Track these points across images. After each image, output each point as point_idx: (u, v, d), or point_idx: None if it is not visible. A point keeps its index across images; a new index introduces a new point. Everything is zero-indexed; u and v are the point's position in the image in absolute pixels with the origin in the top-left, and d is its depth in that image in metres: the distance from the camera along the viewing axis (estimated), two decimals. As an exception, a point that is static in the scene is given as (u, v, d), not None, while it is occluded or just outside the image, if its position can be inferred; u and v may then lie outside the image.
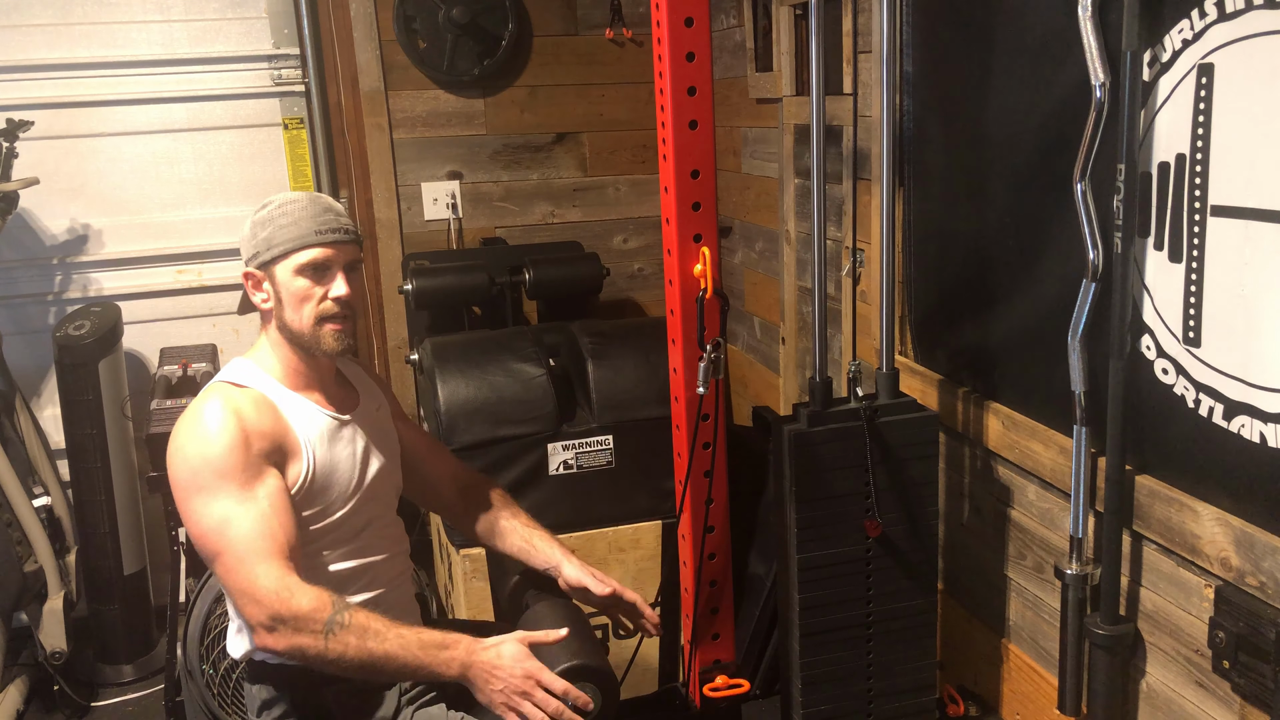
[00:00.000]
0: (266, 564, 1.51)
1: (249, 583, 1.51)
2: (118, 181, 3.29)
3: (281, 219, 1.63)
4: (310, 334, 1.65)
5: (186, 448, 1.57)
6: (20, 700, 2.83)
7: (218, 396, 1.61)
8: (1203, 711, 1.57)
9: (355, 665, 1.52)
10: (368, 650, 1.50)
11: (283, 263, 1.63)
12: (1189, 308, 1.48)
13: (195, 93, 3.29)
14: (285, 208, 1.64)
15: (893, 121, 1.96)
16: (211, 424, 1.57)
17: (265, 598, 1.49)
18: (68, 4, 3.15)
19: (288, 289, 1.64)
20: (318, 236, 1.62)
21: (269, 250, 1.63)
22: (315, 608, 1.49)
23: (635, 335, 2.79)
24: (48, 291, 3.29)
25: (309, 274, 1.63)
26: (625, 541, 2.67)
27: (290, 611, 1.49)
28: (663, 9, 1.97)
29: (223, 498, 1.54)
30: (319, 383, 1.73)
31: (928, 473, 1.98)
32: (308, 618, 1.49)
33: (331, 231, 1.63)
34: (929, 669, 2.06)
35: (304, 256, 1.62)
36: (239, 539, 1.52)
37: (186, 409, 1.64)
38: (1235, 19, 1.35)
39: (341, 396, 1.77)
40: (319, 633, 1.49)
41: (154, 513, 3.00)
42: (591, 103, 3.57)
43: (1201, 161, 1.43)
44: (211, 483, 1.54)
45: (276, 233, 1.62)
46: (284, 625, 1.49)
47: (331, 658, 1.50)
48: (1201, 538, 1.49)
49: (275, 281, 1.64)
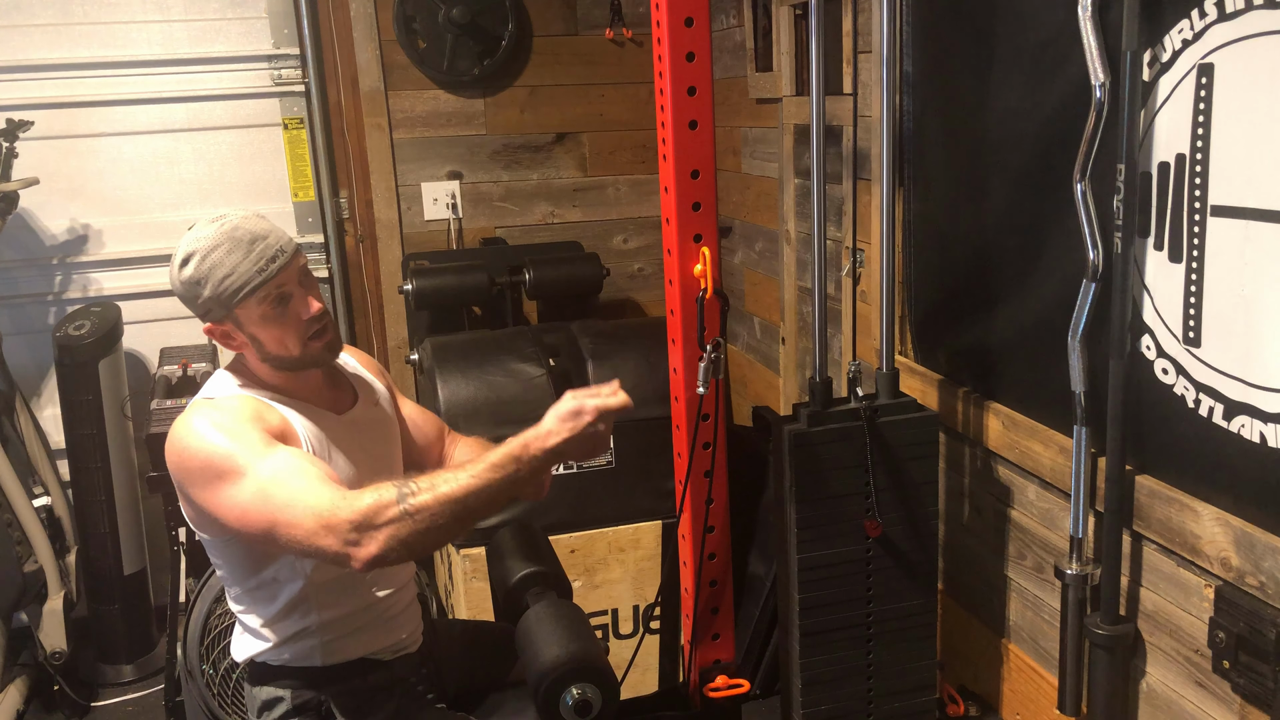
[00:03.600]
0: (315, 497, 1.43)
1: (312, 523, 1.42)
2: (118, 181, 3.29)
3: (218, 271, 1.55)
4: (302, 355, 1.61)
5: (190, 448, 1.53)
6: (20, 700, 2.83)
7: (210, 401, 1.59)
8: (1203, 711, 1.57)
9: (449, 520, 1.42)
10: (449, 497, 1.41)
11: (241, 310, 1.57)
12: (1189, 308, 1.48)
13: (195, 93, 3.29)
14: (211, 258, 1.55)
15: (893, 121, 1.96)
16: (209, 420, 1.54)
17: (333, 521, 1.41)
18: (68, 4, 3.15)
19: (260, 329, 1.58)
20: (261, 275, 1.55)
21: (220, 306, 1.57)
22: (379, 496, 1.41)
23: (635, 335, 2.80)
24: (48, 291, 3.29)
25: (271, 307, 1.57)
26: (625, 541, 2.67)
27: (361, 514, 1.40)
28: (663, 9, 1.97)
29: (249, 475, 1.48)
30: (308, 390, 1.69)
31: (928, 473, 1.98)
32: (378, 508, 1.40)
33: (270, 261, 1.56)
34: (929, 669, 2.06)
35: (259, 296, 1.56)
36: (281, 500, 1.45)
37: (174, 424, 1.59)
38: (1235, 19, 1.35)
39: (334, 397, 1.74)
40: (398, 513, 1.40)
41: (154, 513, 3.00)
42: (591, 103, 3.57)
43: (1201, 161, 1.43)
44: (231, 466, 1.49)
45: (220, 289, 1.55)
46: (368, 529, 1.40)
47: (424, 525, 1.41)
48: (1201, 538, 1.49)
49: (243, 328, 1.59)
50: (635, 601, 2.73)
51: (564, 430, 1.44)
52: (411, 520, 1.40)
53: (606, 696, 1.66)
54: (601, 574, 2.71)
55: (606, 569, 2.68)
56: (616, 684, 1.72)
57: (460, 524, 1.45)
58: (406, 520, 1.40)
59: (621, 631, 2.74)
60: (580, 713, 1.64)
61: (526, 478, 1.46)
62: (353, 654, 1.71)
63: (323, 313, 1.62)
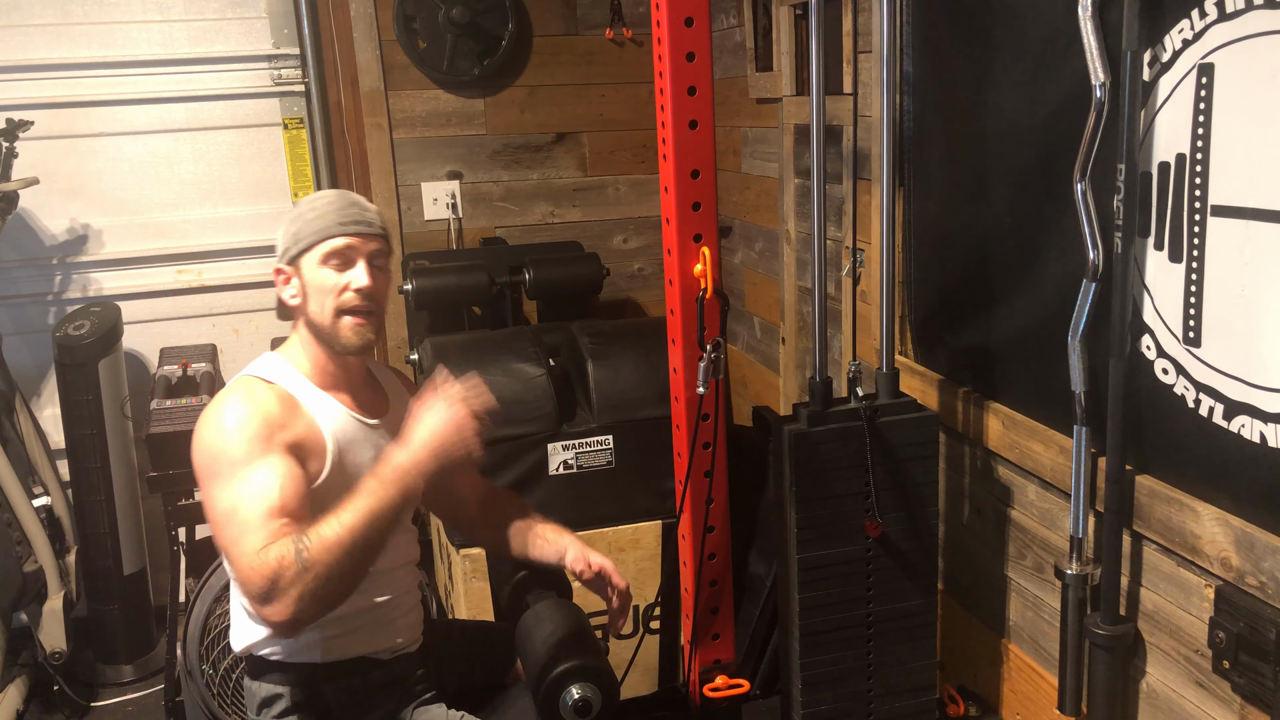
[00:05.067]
0: (249, 537, 1.45)
1: (241, 572, 1.46)
2: (118, 181, 3.29)
3: (309, 214, 1.65)
4: (330, 326, 1.64)
5: (205, 437, 1.58)
6: (20, 700, 2.83)
7: (241, 390, 1.62)
8: (1203, 711, 1.57)
9: (349, 562, 1.45)
10: (338, 542, 1.43)
11: (308, 254, 1.64)
12: (1189, 308, 1.48)
13: (195, 93, 3.29)
14: (314, 204, 1.66)
15: (893, 121, 1.96)
16: (230, 416, 1.57)
17: (249, 577, 1.43)
18: (68, 4, 3.15)
19: (313, 282, 1.64)
20: (340, 227, 1.63)
21: (296, 244, 1.64)
22: (281, 554, 1.42)
23: (635, 335, 2.79)
24: (48, 291, 3.29)
25: (333, 264, 1.64)
26: (625, 541, 2.67)
27: (267, 576, 1.41)
28: (663, 9, 1.97)
29: (232, 483, 1.51)
30: (348, 384, 1.73)
31: (928, 473, 1.98)
32: (281, 568, 1.41)
33: (355, 223, 1.64)
34: (929, 669, 2.06)
35: (327, 246, 1.63)
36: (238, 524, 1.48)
37: (214, 398, 1.65)
38: (1235, 19, 1.35)
39: (371, 401, 1.77)
40: (296, 572, 1.41)
41: (154, 513, 2.99)
42: (591, 103, 3.57)
43: (1201, 161, 1.43)
44: (225, 470, 1.53)
45: (303, 227, 1.64)
46: (272, 591, 1.42)
47: (325, 574, 1.43)
48: (1201, 538, 1.49)
49: (302, 275, 1.65)
50: (635, 601, 2.73)
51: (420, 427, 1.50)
52: (312, 575, 1.42)
53: (606, 696, 1.66)
54: (601, 574, 2.71)
55: (606, 569, 2.68)
56: (616, 684, 1.72)
57: (364, 560, 1.48)
58: (307, 575, 1.41)
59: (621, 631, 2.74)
60: (580, 713, 1.64)
61: (410, 489, 1.51)
62: (352, 652, 1.71)
63: (370, 291, 1.64)
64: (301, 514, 1.51)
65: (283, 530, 1.47)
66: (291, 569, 1.41)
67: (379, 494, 1.48)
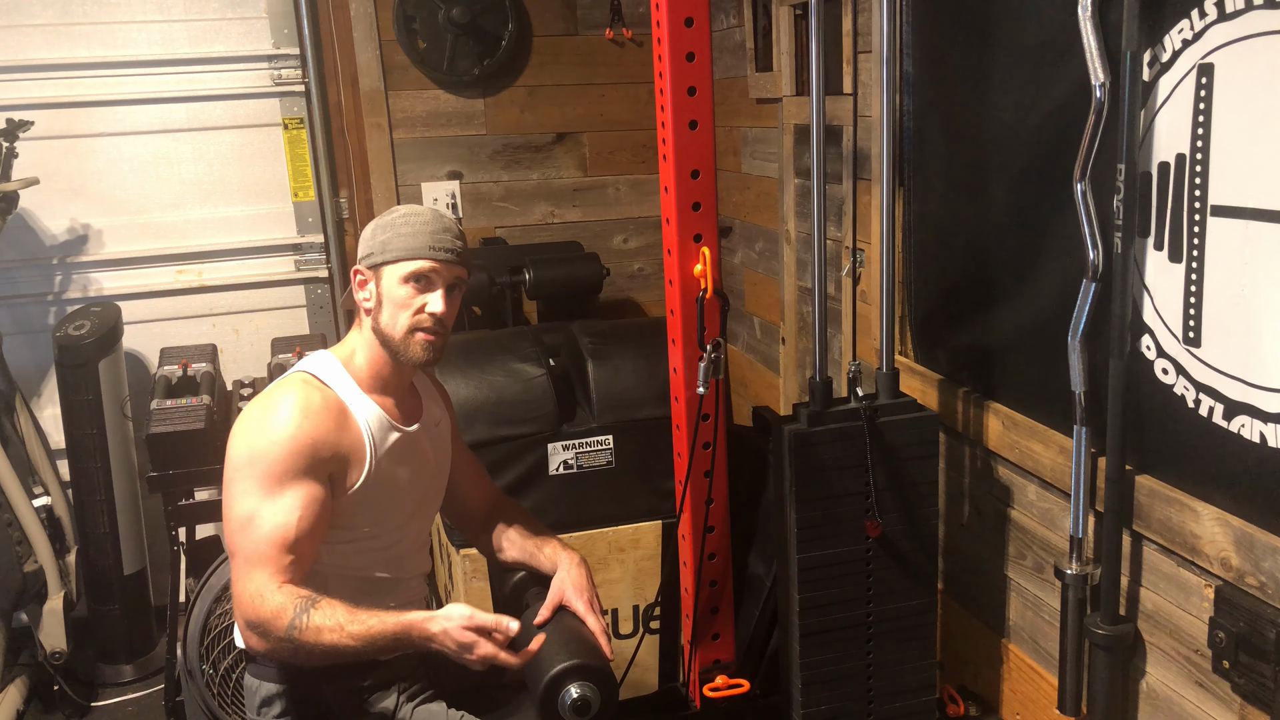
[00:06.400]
0: (260, 570, 1.55)
1: (240, 587, 1.56)
2: (118, 181, 3.29)
3: (403, 227, 1.67)
4: (401, 340, 1.68)
5: (251, 434, 1.61)
6: (20, 700, 2.83)
7: (295, 392, 1.64)
8: (1203, 711, 1.57)
9: (326, 657, 1.54)
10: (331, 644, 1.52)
11: (392, 267, 1.67)
12: (1189, 308, 1.48)
13: (195, 93, 3.29)
14: (409, 218, 1.68)
15: (893, 121, 1.96)
16: (282, 423, 1.59)
17: (245, 603, 1.55)
18: (68, 4, 3.15)
19: (390, 294, 1.67)
20: (430, 251, 1.66)
21: (383, 253, 1.67)
22: (277, 613, 1.52)
23: (635, 335, 2.79)
24: (48, 291, 3.29)
25: (413, 284, 1.67)
26: (625, 541, 2.67)
27: (259, 617, 1.53)
28: (663, 9, 1.96)
29: (258, 494, 1.57)
30: (395, 389, 1.76)
31: (928, 473, 1.98)
32: (271, 622, 1.52)
33: (445, 250, 1.67)
34: (929, 669, 2.06)
35: (412, 266, 1.66)
36: (251, 543, 1.56)
37: (267, 389, 1.68)
38: (1235, 19, 1.35)
39: (410, 407, 1.80)
40: (283, 633, 1.52)
41: (154, 513, 3.00)
42: (591, 103, 3.57)
43: (1201, 161, 1.43)
44: (257, 478, 1.58)
45: (394, 239, 1.66)
46: (255, 629, 1.54)
47: (302, 654, 1.54)
48: (1201, 538, 1.49)
49: (380, 284, 1.68)
50: (635, 601, 2.73)
51: (447, 643, 1.55)
52: (292, 647, 1.52)
53: (605, 696, 1.66)
54: (601, 574, 2.70)
55: (606, 569, 2.68)
56: (616, 684, 1.71)
57: (337, 659, 1.56)
58: (287, 644, 1.52)
59: (621, 631, 2.74)
60: (579, 712, 1.64)
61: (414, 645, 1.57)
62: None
63: (443, 318, 1.70)
64: (309, 553, 1.60)
65: (289, 570, 1.56)
66: (279, 629, 1.52)
67: (389, 629, 1.54)
